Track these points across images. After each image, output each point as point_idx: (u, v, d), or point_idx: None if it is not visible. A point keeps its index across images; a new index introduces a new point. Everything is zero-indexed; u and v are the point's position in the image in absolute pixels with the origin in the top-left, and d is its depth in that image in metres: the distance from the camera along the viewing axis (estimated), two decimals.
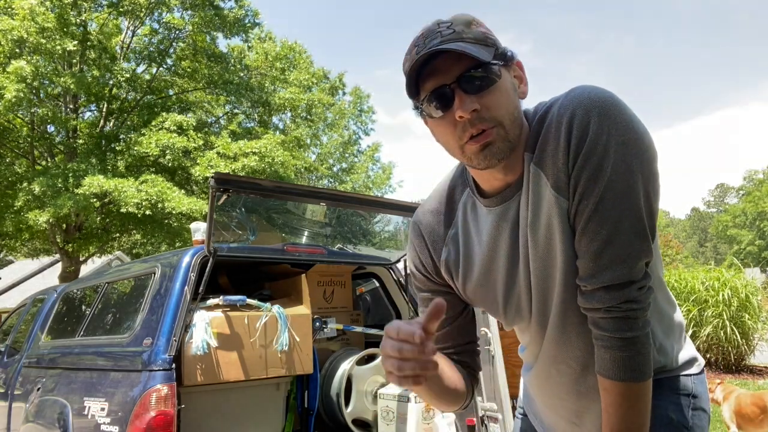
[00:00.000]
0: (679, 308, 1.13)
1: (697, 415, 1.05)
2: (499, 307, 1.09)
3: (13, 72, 10.33)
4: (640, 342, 0.92)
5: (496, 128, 0.92)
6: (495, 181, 1.01)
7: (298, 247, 3.42)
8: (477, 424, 3.14)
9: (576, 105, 0.90)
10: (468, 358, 1.16)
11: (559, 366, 1.06)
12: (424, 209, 1.16)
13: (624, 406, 0.92)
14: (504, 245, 1.03)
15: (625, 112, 0.89)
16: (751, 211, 46.66)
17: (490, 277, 1.07)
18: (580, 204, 0.91)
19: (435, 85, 0.92)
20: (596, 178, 0.89)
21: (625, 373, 0.91)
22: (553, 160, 0.93)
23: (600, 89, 0.91)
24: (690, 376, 1.07)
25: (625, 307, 0.91)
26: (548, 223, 0.95)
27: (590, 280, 0.92)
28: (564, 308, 0.99)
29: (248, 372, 2.76)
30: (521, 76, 1.00)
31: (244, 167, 11.97)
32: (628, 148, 0.88)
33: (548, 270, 0.98)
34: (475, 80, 0.90)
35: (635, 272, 0.90)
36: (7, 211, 11.66)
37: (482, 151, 0.92)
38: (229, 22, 13.42)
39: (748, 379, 7.41)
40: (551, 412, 1.16)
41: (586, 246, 0.91)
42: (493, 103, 0.91)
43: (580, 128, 0.89)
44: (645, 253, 0.91)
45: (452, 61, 0.90)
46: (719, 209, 66.05)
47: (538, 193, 0.96)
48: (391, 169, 24.37)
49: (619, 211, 0.89)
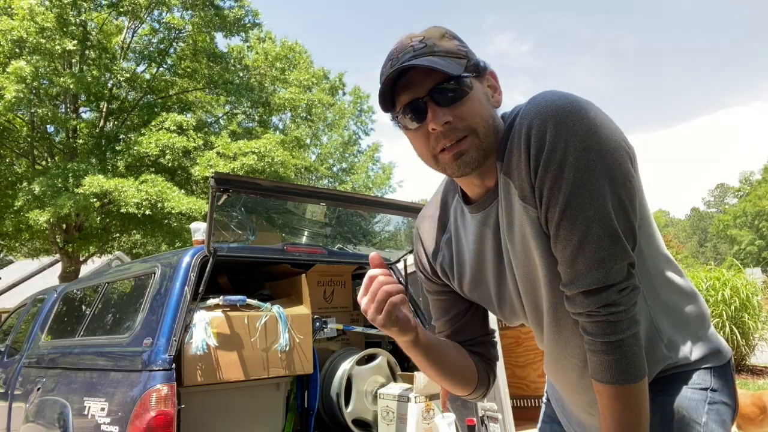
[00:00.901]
0: (700, 298, 1.10)
1: (715, 410, 1.02)
2: (495, 307, 1.12)
3: (12, 72, 10.33)
4: (626, 344, 0.91)
5: (469, 137, 0.94)
6: (474, 188, 1.04)
7: (298, 247, 3.42)
8: (477, 424, 3.14)
9: (533, 114, 0.91)
10: (482, 349, 1.20)
11: (562, 362, 1.08)
12: (423, 215, 1.22)
13: (617, 408, 0.92)
14: (489, 250, 1.06)
15: (587, 116, 0.89)
16: (751, 211, 46.63)
17: (481, 279, 1.10)
18: (548, 212, 0.92)
19: (409, 98, 0.95)
20: (558, 186, 0.89)
21: (613, 376, 0.91)
22: (517, 170, 0.94)
23: (561, 95, 0.91)
24: (710, 369, 1.05)
25: (605, 311, 0.90)
26: (522, 232, 0.97)
27: (569, 285, 0.93)
28: (555, 311, 1.00)
29: (248, 372, 2.75)
30: (495, 85, 1.02)
31: (243, 166, 11.97)
32: (590, 152, 0.88)
33: (531, 275, 1.00)
34: (446, 93, 0.93)
35: (612, 275, 0.90)
36: (7, 211, 11.65)
37: (455, 160, 0.96)
38: (229, 22, 13.43)
39: (748, 379, 7.41)
40: (568, 401, 1.18)
41: (561, 252, 0.92)
42: (466, 113, 0.94)
43: (538, 138, 0.90)
44: (621, 255, 0.90)
45: (424, 75, 0.93)
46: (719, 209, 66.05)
47: (510, 202, 0.98)
48: (391, 169, 24.37)
49: (587, 217, 0.88)
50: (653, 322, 1.01)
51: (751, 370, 7.97)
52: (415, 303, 3.63)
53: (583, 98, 0.92)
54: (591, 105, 0.91)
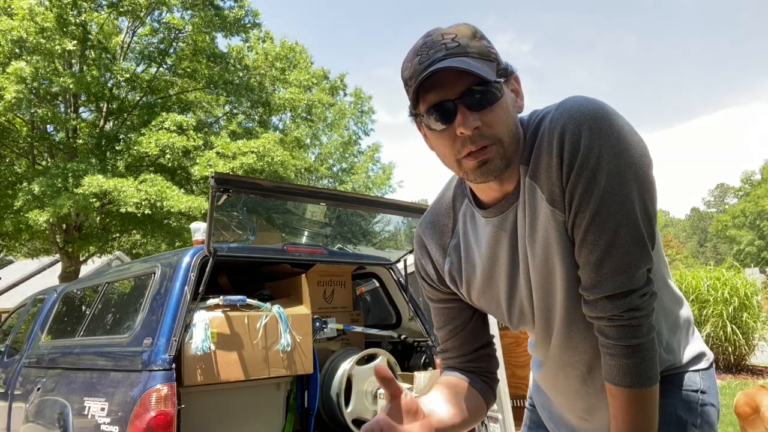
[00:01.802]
0: (686, 303, 1.13)
1: (706, 411, 1.05)
2: (503, 313, 1.11)
3: (12, 73, 10.33)
4: (645, 348, 0.92)
5: (495, 146, 0.93)
6: (492, 192, 1.03)
7: (298, 247, 3.42)
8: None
9: (567, 119, 0.91)
10: (484, 362, 1.19)
11: (566, 369, 1.08)
12: (426, 221, 1.19)
13: (632, 411, 0.93)
14: (503, 255, 1.05)
15: (617, 122, 0.89)
16: (751, 211, 46.62)
17: (492, 285, 1.09)
18: (577, 217, 0.91)
19: (437, 98, 0.92)
20: (591, 191, 0.89)
21: (631, 379, 0.93)
22: (546, 174, 0.93)
23: (591, 101, 0.92)
24: (698, 371, 1.07)
25: (628, 315, 0.91)
26: (545, 236, 0.97)
27: (592, 290, 0.93)
28: (568, 316, 1.01)
29: (248, 372, 2.75)
30: (518, 89, 1.01)
31: (243, 165, 11.98)
32: (621, 159, 0.88)
33: (548, 280, 1.00)
34: (478, 97, 0.91)
35: (636, 280, 0.91)
36: (7, 211, 11.65)
37: (479, 167, 0.94)
38: (228, 22, 13.43)
39: (748, 379, 7.41)
40: (561, 408, 1.18)
41: (586, 257, 0.92)
42: (494, 120, 0.92)
43: (572, 142, 0.89)
44: (645, 260, 0.91)
45: (456, 75, 0.90)
46: (719, 209, 66.05)
47: (534, 206, 0.97)
48: (391, 170, 24.36)
49: (616, 222, 0.89)
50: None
51: (751, 370, 7.97)
52: (415, 303, 3.63)
53: (609, 105, 0.92)
54: (617, 112, 0.92)
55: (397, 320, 3.94)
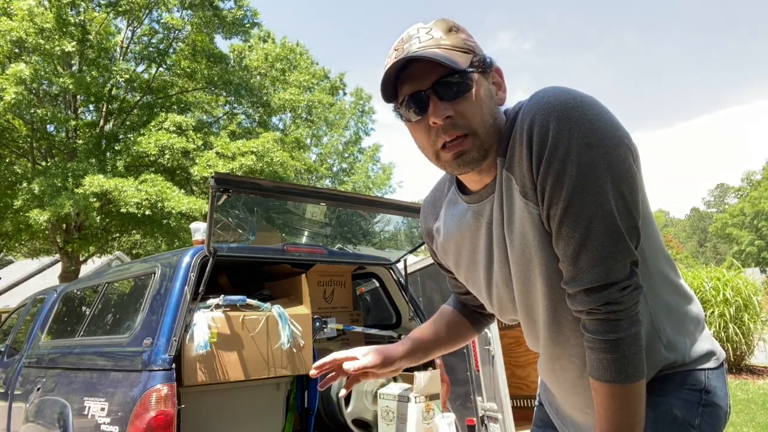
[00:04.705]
0: (696, 300, 1.10)
1: (708, 412, 1.01)
2: (486, 300, 1.15)
3: (12, 74, 10.33)
4: (625, 344, 0.90)
5: (470, 137, 0.94)
6: (472, 183, 1.06)
7: (298, 247, 3.41)
8: (477, 424, 3.15)
9: (536, 110, 0.90)
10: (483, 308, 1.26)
11: (561, 363, 1.07)
12: (425, 201, 1.27)
13: (612, 407, 0.91)
14: (482, 242, 1.08)
15: (590, 112, 0.88)
16: (750, 211, 46.61)
17: (474, 269, 1.13)
18: (551, 209, 0.91)
19: (411, 90, 0.95)
20: (561, 182, 0.88)
21: (611, 374, 0.91)
22: (519, 167, 0.94)
23: (564, 90, 0.91)
24: (704, 370, 1.04)
25: (606, 309, 0.90)
26: (522, 228, 0.97)
27: (571, 283, 0.92)
28: (554, 308, 1.00)
29: (248, 372, 2.75)
30: (500, 82, 1.02)
31: (242, 166, 11.99)
32: (593, 149, 0.87)
33: (527, 272, 1.00)
34: (450, 87, 0.92)
35: (615, 273, 0.89)
36: (7, 211, 11.66)
37: (456, 159, 0.96)
38: (228, 22, 13.43)
39: (748, 379, 7.41)
40: (564, 403, 1.18)
41: (563, 250, 0.92)
42: (467, 110, 0.93)
43: (540, 134, 0.89)
44: (624, 253, 0.89)
45: (428, 67, 0.92)
46: (719, 209, 66.02)
47: (511, 198, 0.97)
48: (392, 170, 24.38)
49: (590, 214, 0.88)
50: (653, 323, 1.00)
51: (751, 370, 7.97)
52: (416, 303, 3.63)
53: (585, 94, 0.91)
54: (593, 101, 0.90)
55: (397, 320, 3.93)
